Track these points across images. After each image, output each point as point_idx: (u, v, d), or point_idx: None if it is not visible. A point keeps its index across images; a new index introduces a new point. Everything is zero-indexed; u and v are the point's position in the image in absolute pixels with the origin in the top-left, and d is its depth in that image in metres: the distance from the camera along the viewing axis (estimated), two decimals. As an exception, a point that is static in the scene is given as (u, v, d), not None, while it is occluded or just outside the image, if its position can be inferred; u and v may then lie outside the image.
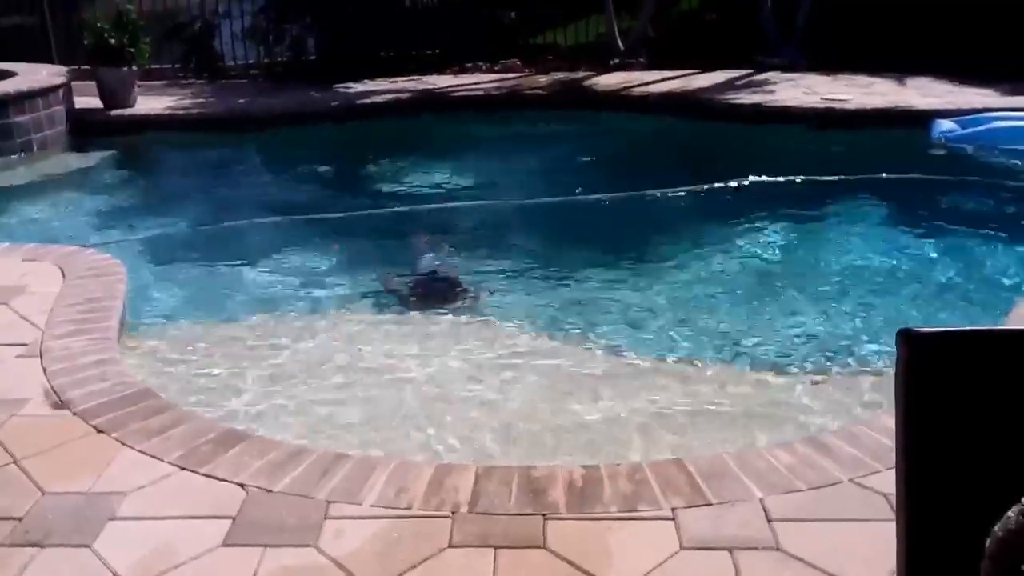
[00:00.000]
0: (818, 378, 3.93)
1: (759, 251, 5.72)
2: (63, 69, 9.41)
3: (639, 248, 5.86)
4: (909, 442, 1.23)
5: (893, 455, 2.76)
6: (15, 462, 2.93)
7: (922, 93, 8.95)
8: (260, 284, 5.37)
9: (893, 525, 2.42)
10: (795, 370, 4.04)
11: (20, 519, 2.63)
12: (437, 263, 5.54)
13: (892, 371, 1.32)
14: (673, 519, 2.55)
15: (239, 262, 5.73)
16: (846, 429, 3.12)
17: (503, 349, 4.30)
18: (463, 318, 4.72)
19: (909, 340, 1.22)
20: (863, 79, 9.63)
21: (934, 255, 5.48)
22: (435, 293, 5.08)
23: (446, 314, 4.77)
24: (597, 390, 3.86)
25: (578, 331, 4.55)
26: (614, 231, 6.34)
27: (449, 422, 3.58)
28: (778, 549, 2.41)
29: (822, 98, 8.88)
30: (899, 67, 9.70)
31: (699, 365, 4.13)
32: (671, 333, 4.50)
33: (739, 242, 5.86)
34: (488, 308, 4.87)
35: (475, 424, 3.57)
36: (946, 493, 1.21)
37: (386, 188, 7.62)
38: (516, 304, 4.93)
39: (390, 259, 5.63)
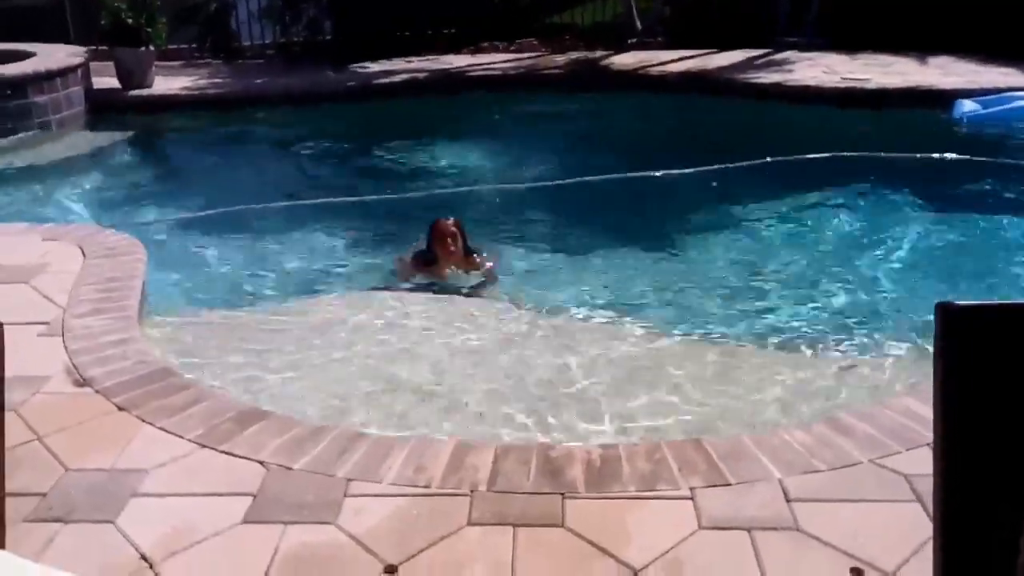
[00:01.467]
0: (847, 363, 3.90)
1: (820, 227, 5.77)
2: (81, 49, 9.45)
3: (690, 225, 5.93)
4: (947, 415, 1.21)
5: (913, 436, 2.76)
6: (39, 439, 2.96)
7: (944, 72, 8.84)
8: (277, 265, 5.38)
9: (913, 506, 2.44)
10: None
11: (44, 495, 2.66)
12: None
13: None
14: (691, 499, 2.55)
15: (254, 243, 5.75)
16: (865, 410, 3.11)
17: (517, 325, 4.31)
18: (482, 298, 4.73)
19: (947, 313, 1.21)
20: (883, 58, 9.53)
21: (972, 235, 5.46)
22: (455, 274, 5.07)
23: (465, 295, 4.79)
24: (643, 371, 3.81)
25: (601, 308, 4.55)
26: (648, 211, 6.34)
27: (472, 400, 3.58)
28: (797, 529, 2.41)
29: (842, 78, 8.79)
30: (920, 46, 9.58)
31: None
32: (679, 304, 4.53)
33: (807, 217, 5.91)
34: (506, 285, 4.89)
35: (501, 402, 3.57)
36: (985, 465, 1.20)
37: (404, 170, 7.58)
38: (529, 281, 4.97)
39: (406, 241, 5.61)
